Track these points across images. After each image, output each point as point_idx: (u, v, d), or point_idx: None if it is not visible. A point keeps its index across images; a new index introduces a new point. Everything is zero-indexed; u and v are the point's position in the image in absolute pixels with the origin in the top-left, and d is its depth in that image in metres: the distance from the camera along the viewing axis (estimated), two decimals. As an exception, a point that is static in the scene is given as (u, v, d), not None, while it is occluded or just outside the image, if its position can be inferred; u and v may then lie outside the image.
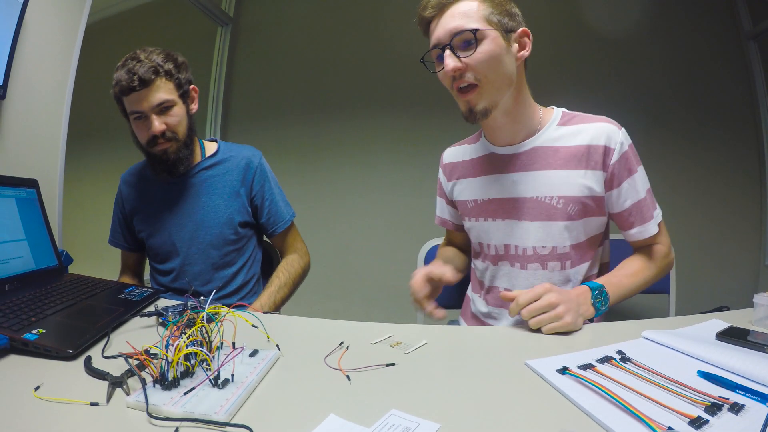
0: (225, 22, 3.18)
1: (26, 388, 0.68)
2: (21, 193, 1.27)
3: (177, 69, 1.38)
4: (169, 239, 1.48)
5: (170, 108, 1.37)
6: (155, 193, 1.50)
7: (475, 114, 1.06)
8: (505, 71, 1.05)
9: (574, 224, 1.11)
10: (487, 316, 1.24)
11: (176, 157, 1.40)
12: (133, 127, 1.39)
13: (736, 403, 0.61)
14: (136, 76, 1.29)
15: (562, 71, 2.52)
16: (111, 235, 1.61)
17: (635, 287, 1.11)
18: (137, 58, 1.32)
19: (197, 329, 0.74)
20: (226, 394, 0.66)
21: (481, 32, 1.01)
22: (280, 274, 1.47)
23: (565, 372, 0.72)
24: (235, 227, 1.48)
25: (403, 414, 0.62)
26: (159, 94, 1.33)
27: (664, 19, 2.60)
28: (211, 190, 1.48)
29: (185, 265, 1.47)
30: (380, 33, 2.95)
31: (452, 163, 1.31)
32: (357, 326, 1.01)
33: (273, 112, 3.16)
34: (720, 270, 2.58)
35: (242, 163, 1.52)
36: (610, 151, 1.08)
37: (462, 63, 1.02)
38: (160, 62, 1.33)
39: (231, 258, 1.50)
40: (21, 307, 0.95)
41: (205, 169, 1.50)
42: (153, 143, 1.37)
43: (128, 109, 1.35)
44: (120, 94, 1.32)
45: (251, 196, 1.52)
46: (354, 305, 3.00)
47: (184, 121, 1.41)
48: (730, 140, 2.58)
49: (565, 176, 1.09)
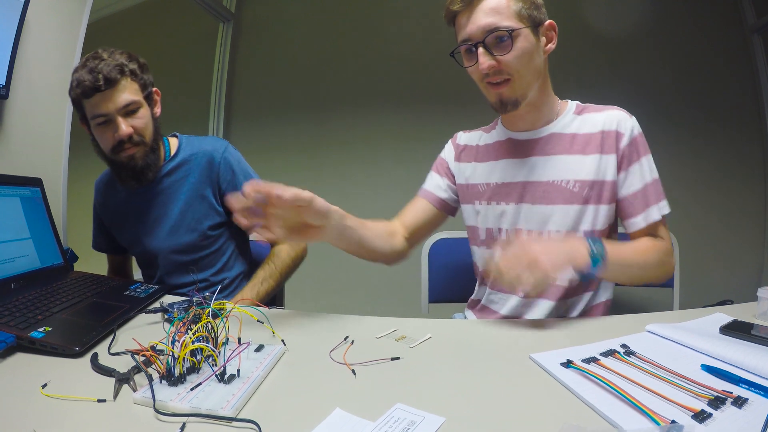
0: (227, 18, 3.17)
1: (34, 385, 0.69)
2: (25, 192, 1.28)
3: (141, 69, 1.31)
4: (144, 249, 1.44)
5: (137, 110, 1.28)
6: (125, 204, 1.44)
7: (506, 106, 1.08)
8: (535, 66, 1.07)
9: (589, 209, 1.11)
10: (493, 303, 1.24)
11: (144, 163, 1.32)
12: (95, 133, 1.29)
13: (740, 396, 0.61)
14: (100, 75, 1.20)
15: (565, 67, 2.51)
16: (93, 240, 1.58)
17: (637, 264, 1.07)
18: (99, 57, 1.24)
19: (203, 325, 0.74)
20: (232, 390, 0.66)
21: (516, 31, 1.01)
22: (265, 266, 1.40)
23: (569, 365, 0.72)
24: (203, 232, 1.41)
25: (408, 408, 0.62)
26: (125, 95, 1.25)
27: (668, 13, 2.59)
28: (176, 196, 1.41)
29: (164, 274, 1.44)
30: (384, 28, 2.95)
31: (465, 145, 1.30)
32: (362, 320, 1.02)
33: (276, 108, 3.16)
34: (724, 263, 2.57)
35: (203, 161, 1.42)
36: (621, 135, 1.09)
37: (496, 61, 1.03)
38: (125, 61, 1.26)
39: (209, 260, 1.45)
40: (27, 306, 0.96)
41: (167, 174, 1.42)
42: (119, 149, 1.28)
43: (90, 114, 1.26)
44: (81, 97, 1.23)
45: (221, 194, 1.42)
46: (359, 299, 3.00)
47: (150, 124, 1.33)
48: (734, 135, 2.57)
49: (581, 161, 1.10)
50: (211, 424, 0.59)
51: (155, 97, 1.38)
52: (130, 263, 1.66)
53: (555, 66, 1.16)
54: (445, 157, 1.34)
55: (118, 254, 1.60)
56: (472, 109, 1.58)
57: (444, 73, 2.19)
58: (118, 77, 1.22)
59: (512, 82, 1.05)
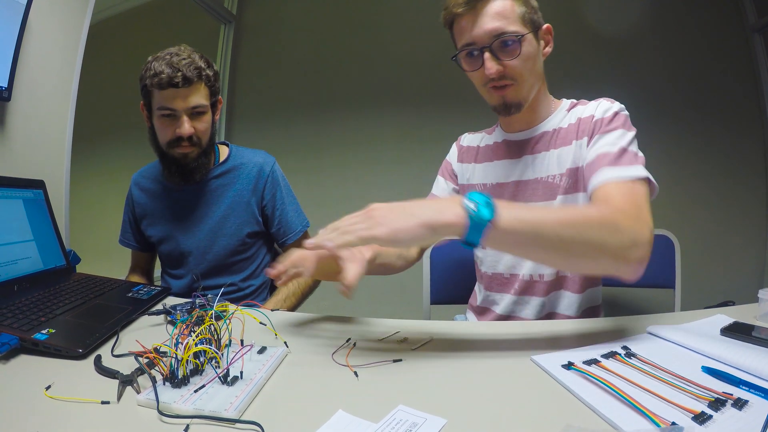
0: (228, 20, 3.18)
1: (38, 387, 0.69)
2: (28, 194, 1.28)
3: (215, 77, 1.36)
4: (178, 248, 1.47)
5: (202, 114, 1.34)
6: (165, 200, 1.48)
7: (509, 109, 1.08)
8: (537, 70, 1.08)
9: (573, 197, 1.09)
10: (491, 303, 1.24)
11: (195, 164, 1.37)
12: (157, 123, 1.34)
13: (740, 398, 0.61)
14: (180, 73, 1.24)
15: (565, 65, 2.51)
16: (121, 235, 1.60)
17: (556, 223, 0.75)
18: (180, 55, 1.28)
19: (206, 327, 0.75)
20: (235, 391, 0.66)
21: (523, 36, 1.01)
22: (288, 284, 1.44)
23: (570, 367, 0.73)
24: (243, 238, 1.46)
25: (410, 409, 0.63)
26: (196, 98, 1.30)
27: (668, 12, 2.59)
28: (220, 200, 1.46)
29: (194, 273, 1.46)
30: (384, 29, 2.95)
31: (468, 146, 1.31)
32: (364, 323, 1.02)
33: (277, 110, 3.16)
34: (725, 265, 2.57)
35: (253, 171, 1.48)
36: (593, 117, 1.06)
37: (503, 66, 1.02)
38: (203, 66, 1.31)
39: (239, 266, 1.48)
40: (30, 308, 0.97)
41: (216, 177, 1.47)
42: (175, 144, 1.33)
43: (158, 104, 1.29)
44: (155, 87, 1.26)
45: (262, 206, 1.48)
46: (361, 302, 3.00)
47: (209, 129, 1.38)
48: (735, 134, 2.56)
49: (565, 152, 1.10)
50: (215, 426, 0.60)
51: (219, 105, 1.43)
52: (154, 262, 1.68)
53: (553, 65, 1.16)
54: (449, 159, 1.36)
55: (145, 251, 1.61)
56: (474, 110, 1.59)
57: (446, 74, 2.20)
58: (195, 79, 1.28)
59: (516, 85, 1.05)
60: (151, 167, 1.54)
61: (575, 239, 0.76)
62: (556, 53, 1.11)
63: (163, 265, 1.57)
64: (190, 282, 1.46)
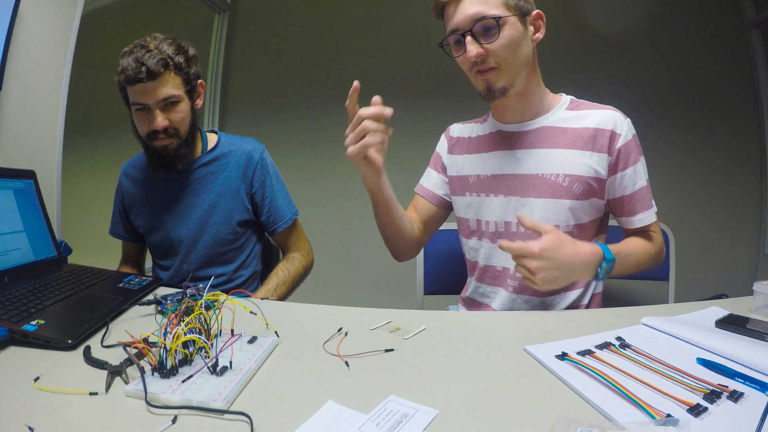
0: (222, 9, 3.14)
1: (26, 379, 0.68)
2: (19, 184, 1.26)
3: (187, 63, 1.33)
4: (167, 237, 1.45)
5: (176, 104, 1.31)
6: (153, 189, 1.46)
7: (493, 93, 1.09)
8: (523, 54, 1.08)
9: (578, 204, 1.11)
10: (483, 296, 1.24)
11: (176, 154, 1.35)
12: (134, 117, 1.33)
13: (735, 390, 0.61)
14: (144, 67, 1.22)
15: (559, 63, 2.50)
16: (111, 226, 1.59)
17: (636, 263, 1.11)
18: (146, 47, 1.25)
19: (195, 317, 0.74)
20: (224, 382, 0.66)
21: (503, 19, 1.03)
22: (279, 272, 1.43)
23: (564, 358, 0.72)
24: (233, 227, 1.44)
25: (402, 400, 0.62)
26: (166, 89, 1.27)
27: (666, 8, 2.58)
28: (209, 188, 1.44)
29: (183, 262, 1.45)
30: (380, 20, 2.93)
31: (458, 137, 1.31)
32: (356, 312, 1.01)
33: (272, 101, 3.14)
34: (720, 258, 2.58)
35: (242, 159, 1.46)
36: (617, 136, 1.10)
37: (484, 49, 1.04)
38: (171, 54, 1.27)
39: (229, 256, 1.47)
40: (20, 299, 0.95)
41: (204, 165, 1.44)
42: (153, 137, 1.32)
43: (131, 100, 1.29)
44: (125, 83, 1.26)
45: (251, 193, 1.47)
46: (353, 291, 3.00)
47: (187, 118, 1.35)
48: (731, 129, 2.57)
49: (571, 155, 1.11)
50: (203, 416, 0.59)
51: (199, 90, 1.40)
52: (145, 253, 1.66)
53: (548, 61, 1.16)
54: (439, 151, 1.35)
55: (135, 242, 1.60)
56: (468, 103, 1.58)
57: (441, 67, 2.19)
58: (161, 71, 1.24)
59: (499, 69, 1.06)
60: (139, 157, 1.52)
61: (645, 267, 1.15)
62: (553, 51, 1.11)
63: (153, 256, 1.55)
64: (180, 272, 1.45)
